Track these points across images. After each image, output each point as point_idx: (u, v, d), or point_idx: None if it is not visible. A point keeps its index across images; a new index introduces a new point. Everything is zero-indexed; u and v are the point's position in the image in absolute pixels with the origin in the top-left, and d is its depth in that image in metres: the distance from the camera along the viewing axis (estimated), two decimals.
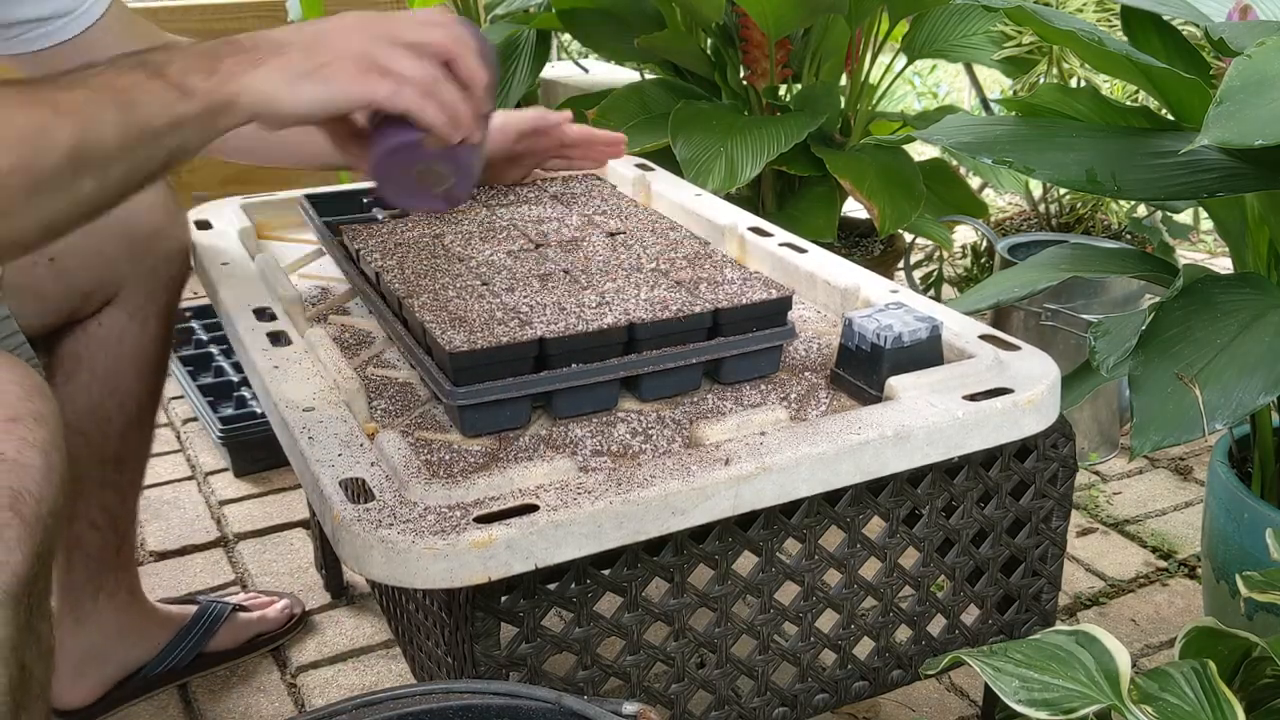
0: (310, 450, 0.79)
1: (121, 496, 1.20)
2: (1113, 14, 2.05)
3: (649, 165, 1.41)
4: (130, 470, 1.20)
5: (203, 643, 1.32)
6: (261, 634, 1.37)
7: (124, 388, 1.15)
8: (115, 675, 1.26)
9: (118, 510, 1.20)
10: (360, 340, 1.02)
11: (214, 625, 1.33)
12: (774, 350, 0.94)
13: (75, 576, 1.20)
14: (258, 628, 1.37)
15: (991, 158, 1.06)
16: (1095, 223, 2.25)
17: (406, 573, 0.70)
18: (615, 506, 0.73)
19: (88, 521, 1.18)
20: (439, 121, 0.82)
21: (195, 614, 1.33)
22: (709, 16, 1.85)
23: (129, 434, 1.17)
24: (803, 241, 1.15)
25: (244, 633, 1.36)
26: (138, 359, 1.15)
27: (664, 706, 0.86)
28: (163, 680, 1.30)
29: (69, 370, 1.12)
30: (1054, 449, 0.95)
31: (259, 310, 1.01)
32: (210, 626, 1.33)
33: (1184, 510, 1.67)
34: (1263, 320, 0.97)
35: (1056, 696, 0.76)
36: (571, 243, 1.06)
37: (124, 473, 1.19)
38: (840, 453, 0.80)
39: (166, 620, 1.31)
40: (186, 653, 1.31)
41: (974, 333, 0.96)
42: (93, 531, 1.19)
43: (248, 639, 1.36)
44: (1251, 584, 0.87)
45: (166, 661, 1.29)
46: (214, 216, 1.23)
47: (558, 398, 0.87)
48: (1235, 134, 0.83)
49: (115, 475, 1.18)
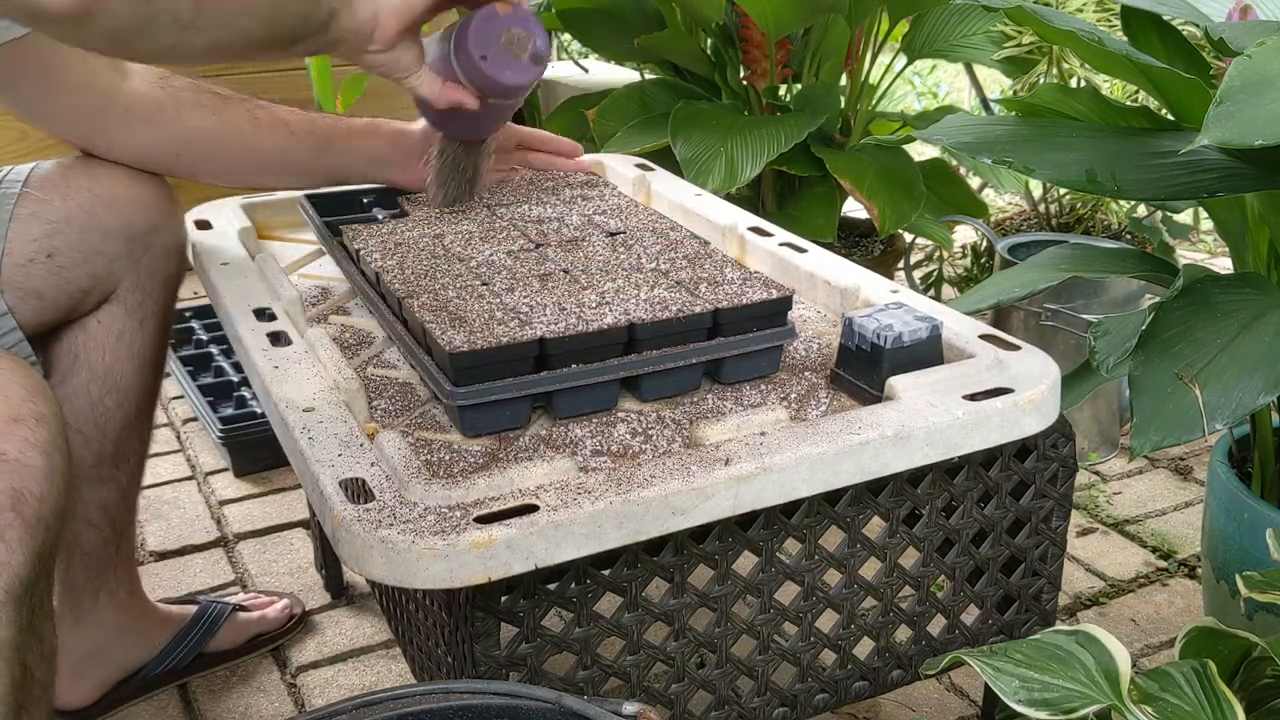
0: (310, 450, 0.79)
1: (120, 494, 1.20)
2: (1113, 14, 2.05)
3: (649, 165, 1.40)
4: (129, 468, 1.20)
5: (203, 643, 1.32)
6: (261, 634, 1.37)
7: (123, 386, 1.15)
8: (115, 675, 1.26)
9: (116, 508, 1.20)
10: (360, 340, 1.02)
11: (214, 625, 1.33)
12: (774, 350, 0.94)
13: (74, 575, 1.20)
14: (258, 628, 1.37)
15: (991, 158, 1.06)
16: (1095, 223, 2.25)
17: (406, 573, 0.70)
18: (615, 507, 0.73)
19: (85, 520, 1.18)
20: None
21: (195, 614, 1.33)
22: (709, 16, 1.85)
23: (127, 432, 1.17)
24: (803, 241, 1.15)
25: (244, 633, 1.35)
26: (136, 357, 1.15)
27: (664, 706, 0.86)
28: (163, 680, 1.30)
29: (66, 369, 1.12)
30: (1054, 449, 0.95)
31: (259, 310, 1.00)
32: (210, 626, 1.33)
33: (1184, 510, 1.66)
34: (1263, 320, 0.97)
35: (1056, 696, 0.76)
36: (571, 242, 1.06)
37: (122, 470, 1.19)
38: (840, 453, 0.80)
39: (166, 620, 1.31)
40: (187, 653, 1.30)
41: (974, 333, 0.96)
42: (91, 530, 1.19)
43: (248, 639, 1.36)
44: (1251, 584, 0.87)
45: (166, 661, 1.29)
46: (214, 216, 1.23)
47: (558, 398, 0.87)
48: (1235, 134, 0.83)
49: (113, 473, 1.18)
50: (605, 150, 1.87)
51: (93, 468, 1.16)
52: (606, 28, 2.06)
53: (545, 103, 2.89)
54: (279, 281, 1.05)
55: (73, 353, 1.12)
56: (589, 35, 2.10)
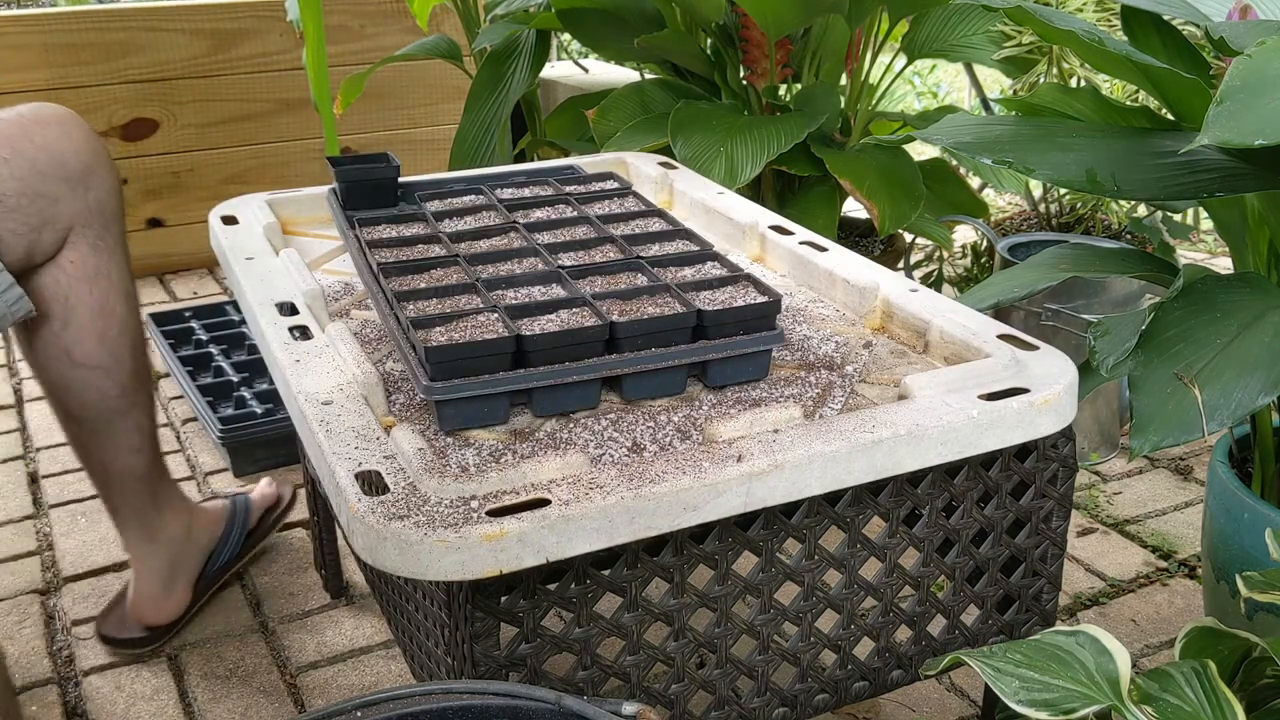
0: (327, 443, 0.80)
1: (148, 413, 1.32)
2: (1113, 14, 2.05)
3: (672, 164, 1.41)
4: (146, 385, 1.31)
5: (245, 526, 1.49)
6: (269, 509, 1.55)
7: (120, 314, 1.25)
8: (194, 574, 1.42)
9: (148, 426, 1.32)
10: (380, 335, 1.03)
11: (248, 509, 1.51)
12: (761, 355, 0.93)
13: (136, 501, 1.33)
14: (262, 504, 1.54)
15: (991, 158, 1.06)
16: (1095, 223, 2.25)
17: (419, 565, 0.70)
18: (627, 501, 0.74)
19: (130, 448, 1.30)
20: None
21: (230, 503, 1.50)
22: (709, 16, 1.85)
23: (136, 353, 1.28)
24: (824, 240, 1.15)
25: (260, 511, 1.54)
26: (117, 285, 1.24)
27: (664, 707, 0.86)
28: (223, 572, 1.47)
29: (63, 313, 1.21)
30: (1054, 449, 0.95)
31: (281, 304, 1.02)
32: (246, 510, 1.51)
33: (1184, 510, 1.66)
34: (1263, 320, 0.97)
35: (1056, 697, 0.76)
36: (568, 242, 1.06)
37: (143, 389, 1.30)
38: (853, 451, 0.80)
39: (214, 514, 1.47)
40: (238, 537, 1.48)
41: (992, 332, 0.95)
42: (136, 455, 1.31)
43: (264, 517, 1.54)
44: (1251, 584, 0.87)
45: (226, 549, 1.46)
46: (239, 212, 1.25)
47: (537, 395, 0.87)
48: (1235, 134, 0.83)
49: (138, 395, 1.29)
50: (605, 150, 1.87)
51: (119, 398, 1.27)
52: (606, 28, 2.05)
53: (545, 103, 2.89)
54: (301, 276, 1.07)
55: (62, 296, 1.20)
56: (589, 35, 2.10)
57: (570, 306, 0.92)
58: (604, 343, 0.88)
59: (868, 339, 1.02)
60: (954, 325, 0.97)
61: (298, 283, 1.06)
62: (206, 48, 2.66)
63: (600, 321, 0.88)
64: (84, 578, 1.53)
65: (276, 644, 1.40)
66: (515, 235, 1.09)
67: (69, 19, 2.55)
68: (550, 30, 2.21)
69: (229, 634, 1.42)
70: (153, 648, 1.39)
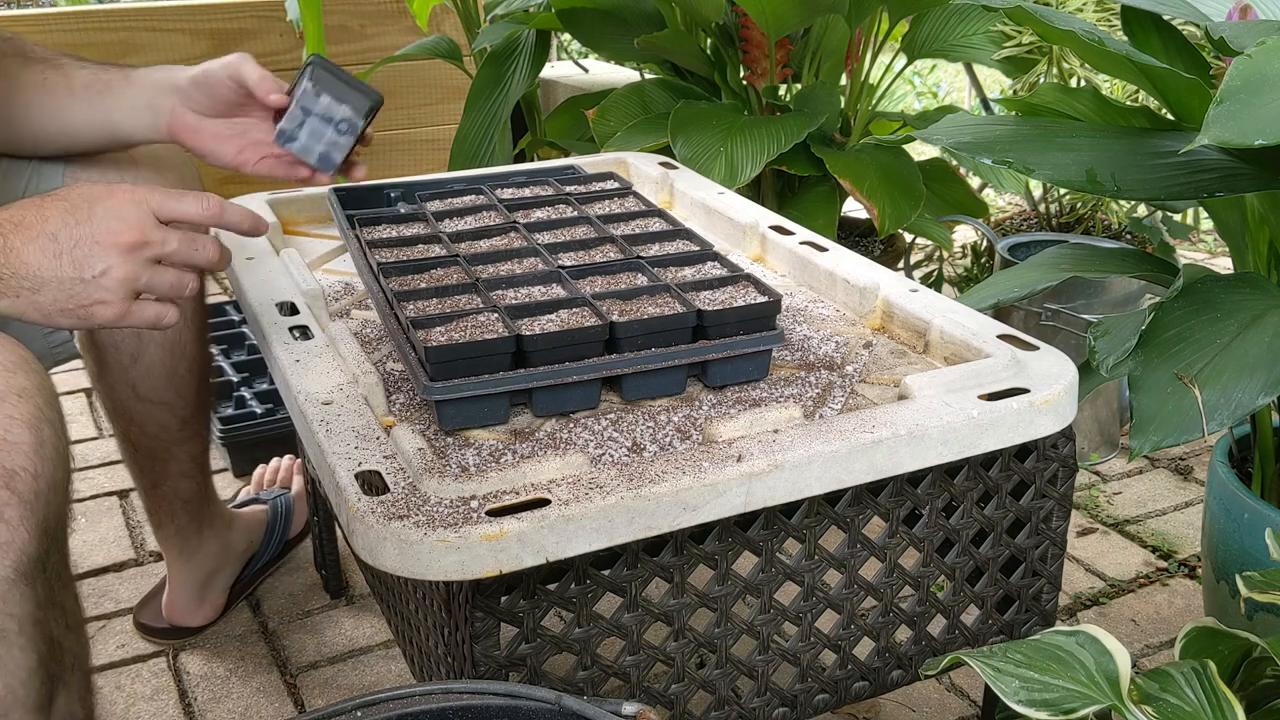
0: (327, 443, 0.80)
1: (203, 443, 1.33)
2: (1113, 14, 2.05)
3: (672, 164, 1.41)
4: (205, 418, 1.32)
5: (286, 531, 1.50)
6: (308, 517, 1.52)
7: (190, 353, 1.24)
8: (230, 581, 1.43)
9: (202, 456, 1.33)
10: (380, 335, 1.03)
11: (290, 513, 1.52)
12: (761, 355, 0.93)
13: (180, 522, 1.34)
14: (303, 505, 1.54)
15: (991, 158, 1.06)
16: (1095, 223, 2.25)
17: (418, 565, 0.70)
18: (627, 501, 0.74)
19: (180, 474, 1.31)
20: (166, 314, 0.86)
21: (272, 509, 1.50)
22: (709, 16, 1.85)
23: (200, 389, 1.28)
24: (824, 240, 1.15)
25: (303, 514, 1.54)
26: (194, 322, 1.23)
27: (664, 706, 0.86)
28: (260, 574, 1.48)
29: (136, 350, 1.20)
30: (1054, 449, 0.95)
31: (282, 304, 1.02)
32: (288, 514, 1.52)
33: (1184, 510, 1.66)
34: (1263, 320, 0.97)
35: (1056, 697, 0.76)
36: (568, 242, 1.06)
37: (202, 422, 1.31)
38: (853, 451, 0.80)
39: (252, 522, 1.47)
40: (276, 544, 1.49)
41: (992, 332, 0.95)
42: (187, 481, 1.32)
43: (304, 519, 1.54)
44: (1251, 584, 0.87)
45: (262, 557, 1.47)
46: None
47: (537, 395, 0.87)
48: (1235, 134, 0.83)
49: (197, 428, 1.30)
50: (605, 150, 1.87)
51: (179, 430, 1.28)
52: (606, 28, 2.05)
53: (545, 103, 2.89)
54: (302, 276, 1.07)
55: (135, 331, 1.18)
56: (589, 35, 2.10)
57: (570, 306, 0.92)
58: (604, 343, 0.88)
59: (868, 339, 1.02)
60: (954, 325, 0.97)
61: (298, 283, 1.06)
62: (207, 48, 2.66)
63: (600, 321, 0.88)
64: (84, 578, 1.53)
65: (276, 644, 1.40)
66: (515, 235, 1.09)
67: (69, 19, 2.55)
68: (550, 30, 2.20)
69: (229, 634, 1.42)
70: (191, 639, 1.41)
